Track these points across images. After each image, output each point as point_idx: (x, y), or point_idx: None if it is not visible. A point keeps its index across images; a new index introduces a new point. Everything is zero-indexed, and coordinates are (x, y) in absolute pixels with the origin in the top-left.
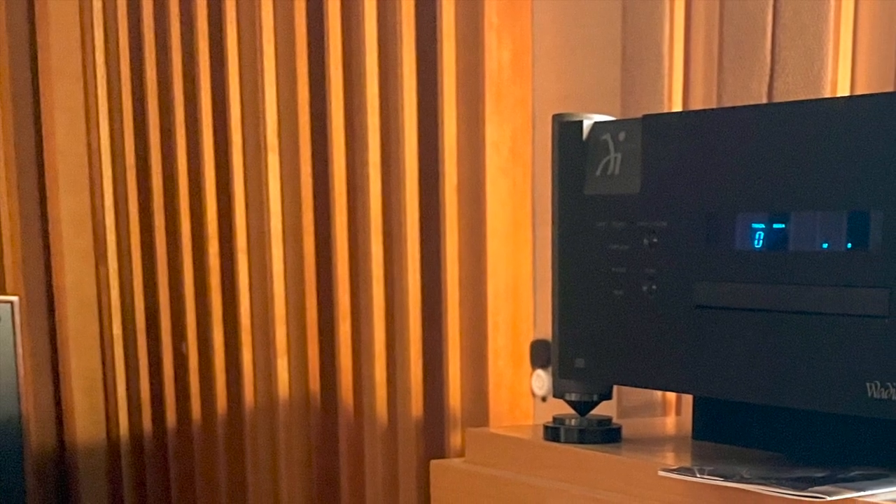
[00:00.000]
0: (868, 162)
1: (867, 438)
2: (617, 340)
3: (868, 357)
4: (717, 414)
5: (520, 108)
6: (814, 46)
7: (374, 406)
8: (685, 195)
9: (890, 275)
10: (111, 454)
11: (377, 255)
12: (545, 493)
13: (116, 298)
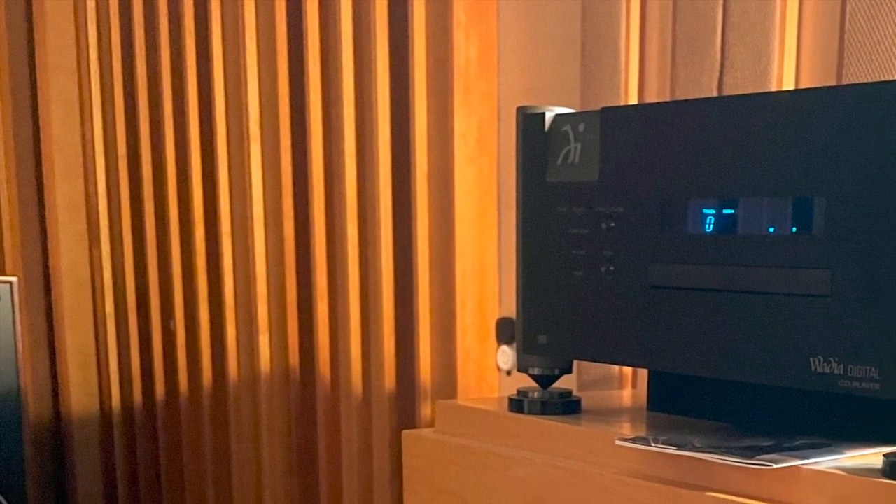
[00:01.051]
0: (811, 151)
1: (811, 410)
2: (577, 318)
3: (811, 334)
4: (670, 387)
5: (486, 101)
6: (761, 44)
7: (349, 379)
8: (640, 182)
9: (832, 257)
10: (104, 424)
11: (353, 239)
12: (510, 461)
13: (109, 279)
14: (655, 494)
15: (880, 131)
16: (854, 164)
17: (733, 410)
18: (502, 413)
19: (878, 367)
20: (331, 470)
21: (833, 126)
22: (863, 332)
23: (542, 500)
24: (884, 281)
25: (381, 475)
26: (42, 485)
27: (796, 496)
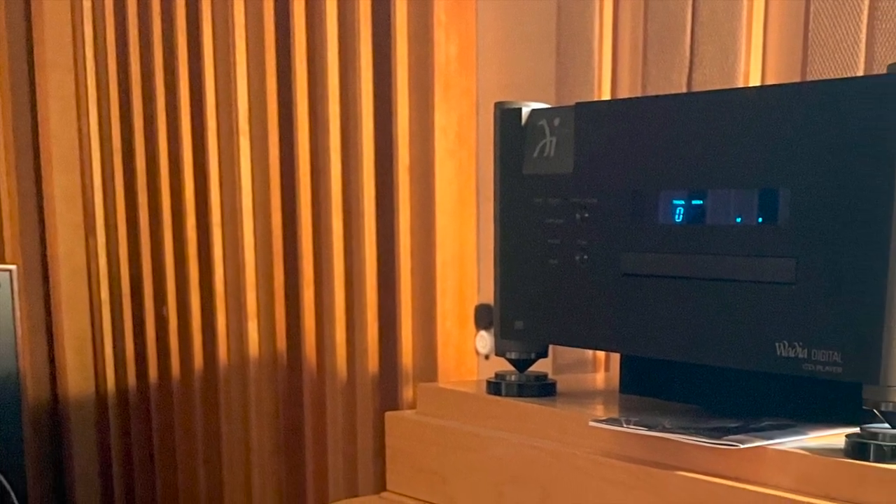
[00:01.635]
0: (777, 145)
1: (776, 392)
2: (552, 304)
3: (777, 320)
4: (642, 370)
5: (465, 97)
6: (728, 42)
7: (334, 363)
8: (613, 174)
9: (797, 246)
10: (99, 406)
11: (337, 229)
12: (488, 441)
13: (104, 267)
14: (627, 473)
15: (842, 126)
16: (817, 157)
17: (702, 393)
18: (481, 395)
19: (840, 352)
20: (316, 450)
21: (797, 121)
22: (826, 318)
23: (519, 478)
24: (846, 269)
25: (364, 455)
26: (40, 464)
27: (762, 475)
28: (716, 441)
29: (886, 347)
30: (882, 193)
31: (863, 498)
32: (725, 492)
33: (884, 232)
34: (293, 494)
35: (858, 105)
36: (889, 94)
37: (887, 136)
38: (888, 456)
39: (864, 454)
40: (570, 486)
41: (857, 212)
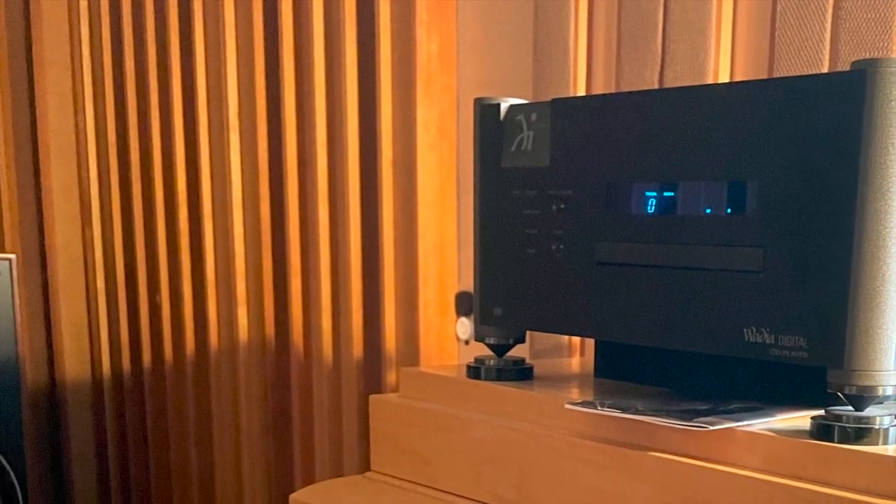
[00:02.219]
0: (745, 139)
1: (744, 376)
2: (530, 292)
3: (745, 306)
4: (615, 355)
5: (446, 93)
6: (699, 40)
7: (321, 349)
8: (588, 167)
9: (764, 236)
10: (95, 390)
11: (324, 220)
12: (468, 424)
13: (100, 256)
14: (601, 454)
15: (808, 120)
16: (784, 150)
17: (673, 377)
18: (461, 379)
19: (806, 337)
20: (303, 431)
21: (765, 116)
22: (792, 305)
23: (497, 459)
24: (811, 258)
25: (349, 436)
26: (38, 445)
27: (731, 456)
28: (686, 423)
29: (850, 333)
30: (846, 186)
31: (827, 478)
32: (696, 472)
33: (847, 223)
34: (281, 474)
35: (823, 101)
36: (852, 90)
37: (851, 131)
38: (852, 437)
39: (828, 436)
40: (547, 467)
41: (822, 203)
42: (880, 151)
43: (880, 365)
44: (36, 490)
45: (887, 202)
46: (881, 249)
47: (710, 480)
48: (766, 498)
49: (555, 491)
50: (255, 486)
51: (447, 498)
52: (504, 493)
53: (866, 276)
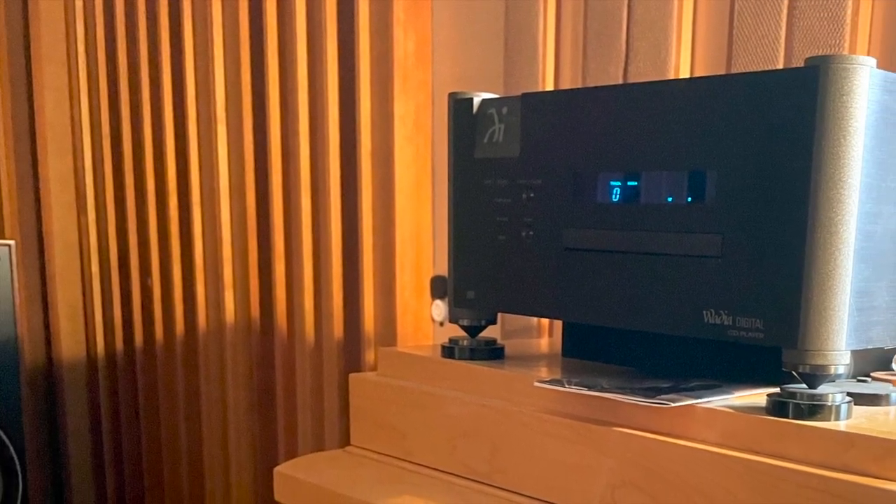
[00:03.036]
0: (705, 131)
1: (704, 356)
2: (501, 276)
3: (704, 290)
4: (582, 336)
5: (422, 88)
6: (661, 38)
7: (303, 329)
8: (556, 158)
9: (722, 223)
10: (90, 368)
11: (306, 208)
12: (442, 400)
13: (94, 242)
14: (569, 429)
15: (764, 114)
16: (742, 142)
17: (636, 356)
18: (436, 359)
19: (762, 319)
20: (287, 408)
21: (723, 109)
22: (749, 288)
23: (470, 434)
24: (767, 244)
25: (330, 412)
26: (36, 421)
27: (691, 431)
28: (649, 400)
29: (804, 315)
30: (800, 175)
31: (782, 452)
32: (658, 446)
33: (802, 210)
34: (265, 448)
35: (779, 95)
36: (806, 85)
37: (805, 123)
38: (805, 413)
39: (783, 412)
40: (517, 441)
41: (777, 192)
42: (832, 143)
43: (832, 345)
44: (34, 463)
45: (839, 191)
46: (833, 236)
47: (671, 454)
48: (724, 471)
49: (524, 464)
50: (241, 460)
51: (423, 471)
52: (477, 466)
53: (819, 261)
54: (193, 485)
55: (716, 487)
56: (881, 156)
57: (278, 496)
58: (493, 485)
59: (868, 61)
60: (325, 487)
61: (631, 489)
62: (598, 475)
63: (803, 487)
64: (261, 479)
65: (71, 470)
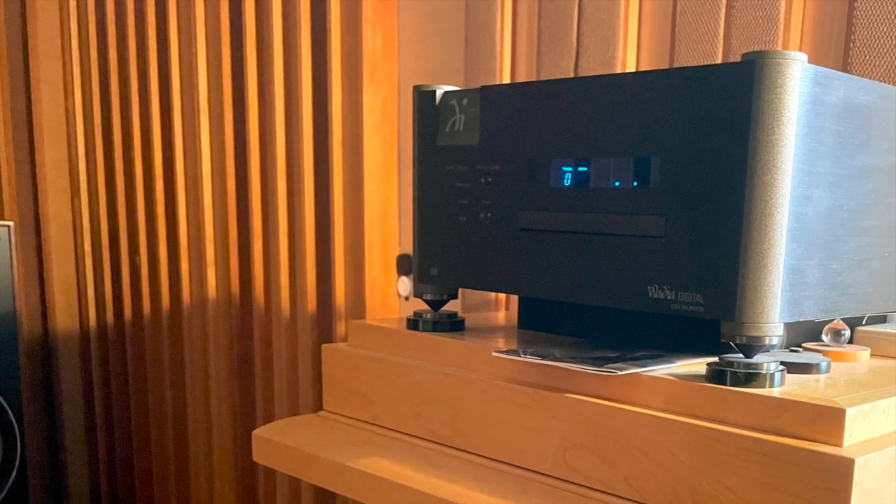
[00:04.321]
0: (649, 121)
1: (649, 328)
2: (461, 254)
3: (649, 267)
4: (536, 309)
5: (388, 81)
6: (609, 35)
7: (279, 304)
8: (512, 145)
9: (665, 205)
10: (83, 340)
11: (282, 191)
12: (407, 369)
13: (87, 223)
14: (524, 395)
15: (704, 105)
16: (683, 131)
17: (587, 328)
18: (402, 330)
19: (702, 294)
20: (264, 376)
21: (666, 101)
22: (690, 266)
23: (434, 400)
24: (707, 225)
25: (304, 380)
26: (33, 388)
27: (636, 397)
28: (598, 369)
29: (741, 290)
30: (737, 162)
31: (721, 416)
32: (606, 411)
33: (739, 194)
34: (245, 413)
35: (717, 88)
36: (743, 78)
37: (741, 114)
38: (742, 381)
39: (722, 379)
40: (477, 407)
41: (716, 177)
42: (767, 132)
43: (767, 318)
44: (31, 427)
45: (773, 176)
46: (768, 217)
47: (619, 418)
48: (667, 434)
49: (483, 428)
50: (222, 424)
51: (390, 434)
52: (439, 430)
53: (755, 241)
54: (178, 447)
55: (659, 449)
56: (812, 143)
57: (256, 457)
58: (455, 447)
59: (800, 56)
60: (300, 449)
61: (581, 451)
62: (551, 438)
63: (740, 449)
64: (240, 441)
65: (65, 433)
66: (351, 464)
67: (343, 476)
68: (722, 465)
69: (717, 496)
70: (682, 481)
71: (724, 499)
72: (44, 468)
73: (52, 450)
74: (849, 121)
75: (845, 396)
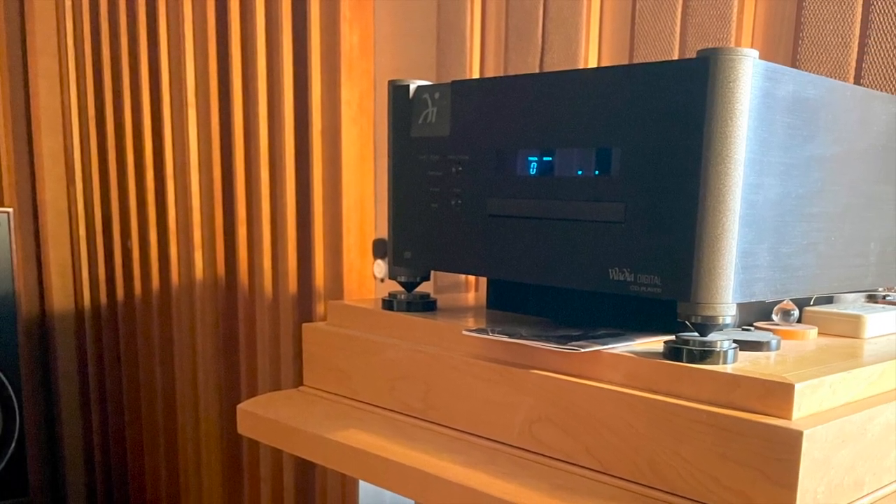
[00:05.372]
0: (610, 113)
1: (610, 308)
2: (433, 239)
3: (610, 251)
4: (504, 290)
5: (365, 77)
6: (572, 33)
7: (263, 285)
8: (481, 137)
9: (625, 193)
10: (78, 319)
11: (265, 180)
12: (383, 346)
13: (81, 209)
14: (492, 371)
15: (662, 98)
16: (642, 123)
17: (551, 308)
18: (377, 310)
19: (660, 276)
20: (248, 353)
21: (626, 95)
22: (649, 250)
23: (407, 375)
24: (664, 211)
25: (286, 357)
26: (31, 364)
27: (598, 373)
28: (562, 346)
29: (696, 273)
30: (693, 152)
31: (677, 391)
32: (569, 386)
33: (694, 182)
34: (230, 388)
35: (674, 82)
36: (698, 73)
37: (696, 107)
38: (697, 358)
39: (678, 357)
40: (448, 382)
41: (673, 166)
42: (720, 124)
43: (721, 298)
44: (29, 400)
45: (726, 165)
46: (721, 204)
47: (581, 393)
48: (627, 407)
49: (454, 401)
50: (208, 398)
51: (366, 407)
52: (413, 403)
53: (709, 226)
54: (167, 419)
55: (619, 422)
56: (763, 134)
57: (241, 429)
58: (427, 420)
59: (751, 53)
60: (281, 422)
61: (546, 423)
62: (517, 411)
63: (695, 422)
64: (225, 414)
65: (61, 406)
66: (330, 436)
67: (322, 447)
68: (678, 437)
69: (673, 466)
70: (640, 452)
71: (679, 468)
72: (41, 439)
73: (48, 422)
74: (797, 113)
75: (794, 372)
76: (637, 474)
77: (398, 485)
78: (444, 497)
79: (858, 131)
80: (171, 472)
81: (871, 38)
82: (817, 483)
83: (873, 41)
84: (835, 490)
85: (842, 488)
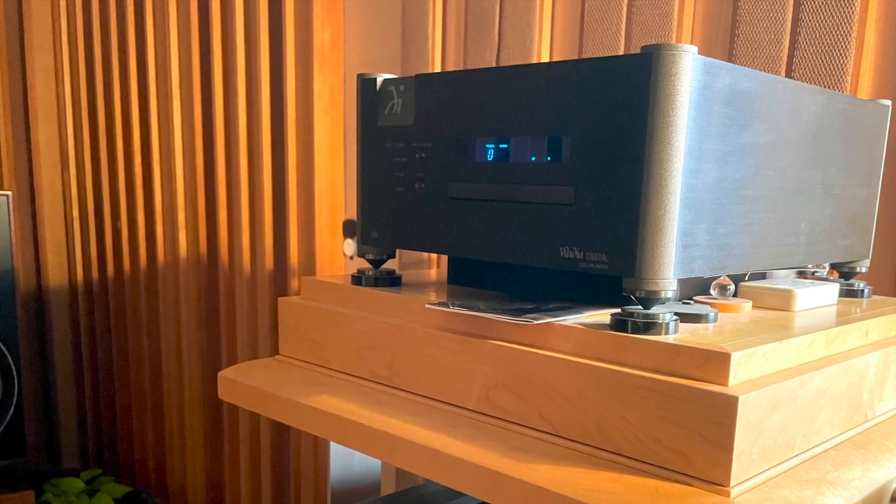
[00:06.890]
0: (561, 104)
1: (561, 283)
2: (399, 220)
3: (561, 231)
4: (464, 267)
5: (336, 70)
6: (527, 31)
7: (241, 263)
8: (443, 126)
9: (575, 177)
10: (71, 294)
11: (244, 165)
12: (352, 319)
13: (75, 192)
14: (453, 342)
15: (608, 90)
16: (590, 113)
17: (507, 283)
18: (347, 286)
19: (607, 253)
20: (228, 325)
21: (576, 87)
22: (597, 230)
23: (374, 345)
24: (611, 194)
25: (263, 329)
26: (29, 335)
27: (549, 342)
28: (516, 318)
29: (640, 251)
30: (636, 140)
31: (623, 360)
32: (524, 355)
33: (638, 168)
34: (211, 358)
35: (620, 76)
36: (642, 68)
37: (641, 99)
38: (641, 329)
39: (623, 328)
40: (411, 351)
41: (618, 153)
42: (662, 114)
43: (663, 274)
44: (27, 369)
45: (668, 152)
46: (663, 188)
47: (534, 361)
48: (576, 374)
49: (417, 369)
50: (192, 367)
51: (337, 375)
52: (379, 371)
53: (652, 208)
54: (154, 386)
55: (569, 388)
56: (702, 124)
57: (221, 395)
58: (393, 386)
59: (691, 49)
60: (259, 388)
61: (502, 389)
62: (476, 378)
63: (639, 388)
64: (207, 381)
65: (56, 374)
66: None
67: (296, 411)
68: (623, 402)
69: (619, 428)
70: (588, 415)
71: (625, 430)
72: (37, 404)
73: (44, 389)
74: (733, 104)
75: (730, 342)
76: (586, 436)
77: (366, 446)
78: (409, 457)
79: (790, 121)
80: (158, 435)
81: (801, 34)
82: (752, 444)
83: (803, 38)
84: (768, 451)
85: (774, 449)
